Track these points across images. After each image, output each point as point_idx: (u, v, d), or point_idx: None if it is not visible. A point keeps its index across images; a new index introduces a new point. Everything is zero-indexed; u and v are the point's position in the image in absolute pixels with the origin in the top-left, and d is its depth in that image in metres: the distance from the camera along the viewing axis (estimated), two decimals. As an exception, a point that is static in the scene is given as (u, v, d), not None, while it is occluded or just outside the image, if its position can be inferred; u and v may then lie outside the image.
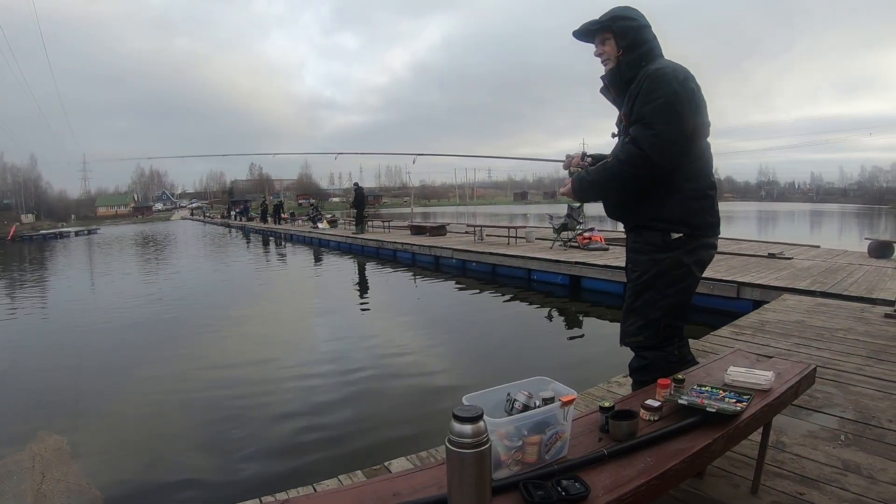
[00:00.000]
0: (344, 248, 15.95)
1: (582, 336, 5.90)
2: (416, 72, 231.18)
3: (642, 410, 1.40)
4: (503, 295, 8.16)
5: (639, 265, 1.85)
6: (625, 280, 1.98)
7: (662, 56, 1.83)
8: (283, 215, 27.95)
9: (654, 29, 1.86)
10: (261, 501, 1.91)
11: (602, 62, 1.88)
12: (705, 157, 1.80)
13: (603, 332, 5.69)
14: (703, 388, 1.53)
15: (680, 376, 1.56)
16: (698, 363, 1.94)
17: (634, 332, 1.84)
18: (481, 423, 0.95)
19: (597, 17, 1.85)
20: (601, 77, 1.90)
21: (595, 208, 2.03)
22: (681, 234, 1.75)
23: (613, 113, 1.95)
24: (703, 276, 1.91)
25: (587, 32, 1.87)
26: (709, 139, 1.84)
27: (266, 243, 21.19)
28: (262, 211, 33.68)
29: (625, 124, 1.82)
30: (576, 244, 9.83)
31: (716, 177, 1.88)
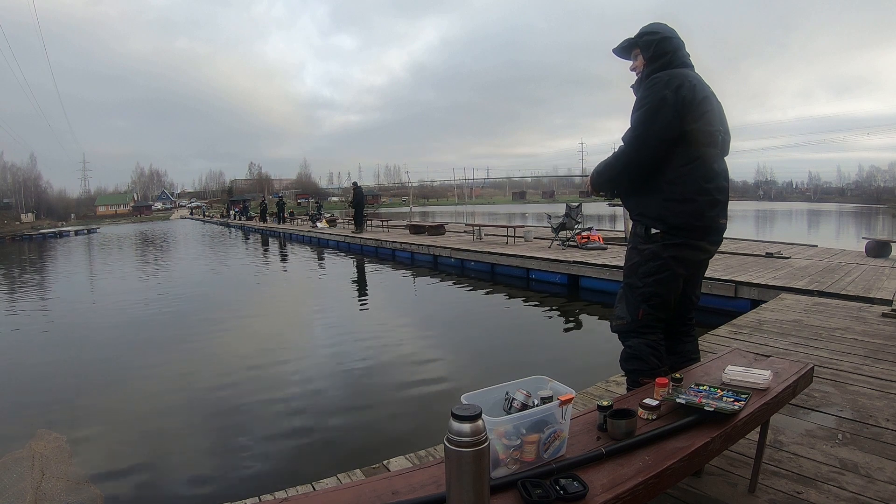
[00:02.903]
0: (343, 248, 15.95)
1: (580, 335, 5.90)
2: (414, 72, 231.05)
3: (640, 409, 1.40)
4: (502, 294, 8.17)
5: (628, 253, 2.04)
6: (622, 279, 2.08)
7: (686, 65, 1.92)
8: (283, 214, 27.91)
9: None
10: (260, 500, 1.92)
11: (636, 74, 2.01)
12: (700, 163, 1.85)
13: (601, 332, 5.69)
14: (701, 387, 1.53)
15: (678, 375, 1.57)
16: (700, 361, 1.96)
17: (620, 315, 1.98)
18: (480, 422, 0.95)
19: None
20: (631, 87, 2.02)
21: (593, 208, 2.07)
22: (658, 231, 1.89)
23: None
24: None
25: (624, 49, 2.02)
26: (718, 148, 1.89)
27: (265, 243, 21.16)
28: (261, 210, 33.61)
29: None
30: (574, 243, 9.85)
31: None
